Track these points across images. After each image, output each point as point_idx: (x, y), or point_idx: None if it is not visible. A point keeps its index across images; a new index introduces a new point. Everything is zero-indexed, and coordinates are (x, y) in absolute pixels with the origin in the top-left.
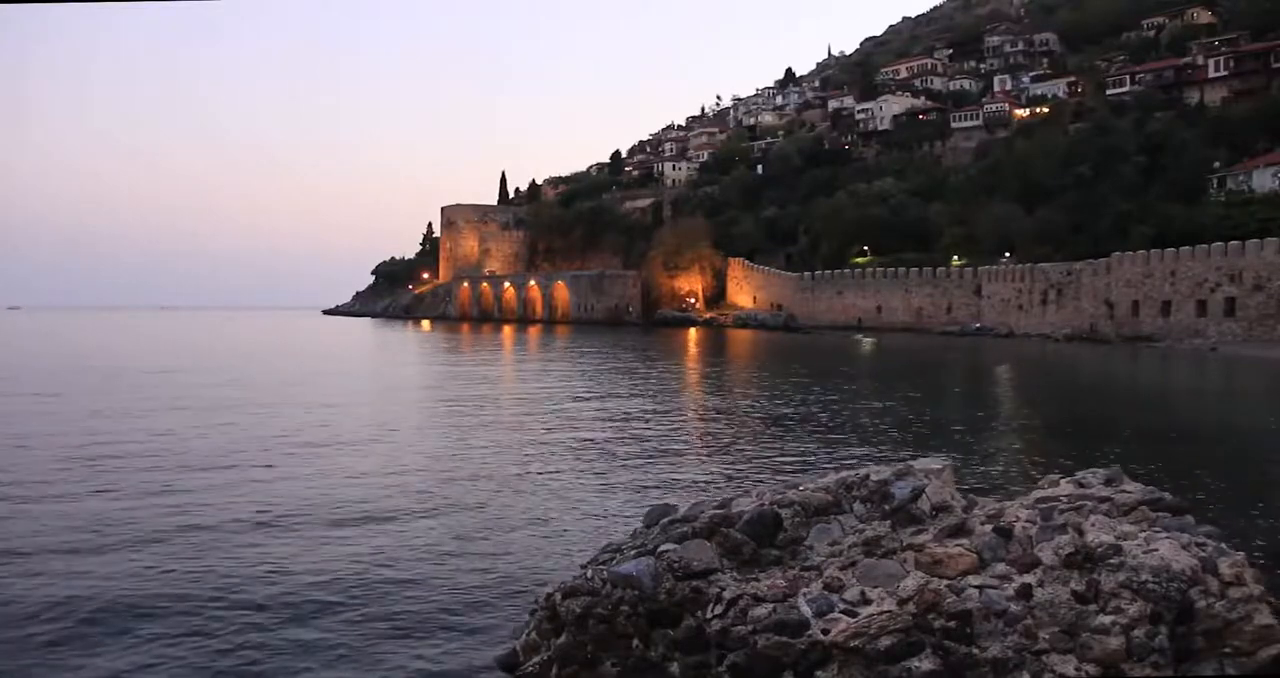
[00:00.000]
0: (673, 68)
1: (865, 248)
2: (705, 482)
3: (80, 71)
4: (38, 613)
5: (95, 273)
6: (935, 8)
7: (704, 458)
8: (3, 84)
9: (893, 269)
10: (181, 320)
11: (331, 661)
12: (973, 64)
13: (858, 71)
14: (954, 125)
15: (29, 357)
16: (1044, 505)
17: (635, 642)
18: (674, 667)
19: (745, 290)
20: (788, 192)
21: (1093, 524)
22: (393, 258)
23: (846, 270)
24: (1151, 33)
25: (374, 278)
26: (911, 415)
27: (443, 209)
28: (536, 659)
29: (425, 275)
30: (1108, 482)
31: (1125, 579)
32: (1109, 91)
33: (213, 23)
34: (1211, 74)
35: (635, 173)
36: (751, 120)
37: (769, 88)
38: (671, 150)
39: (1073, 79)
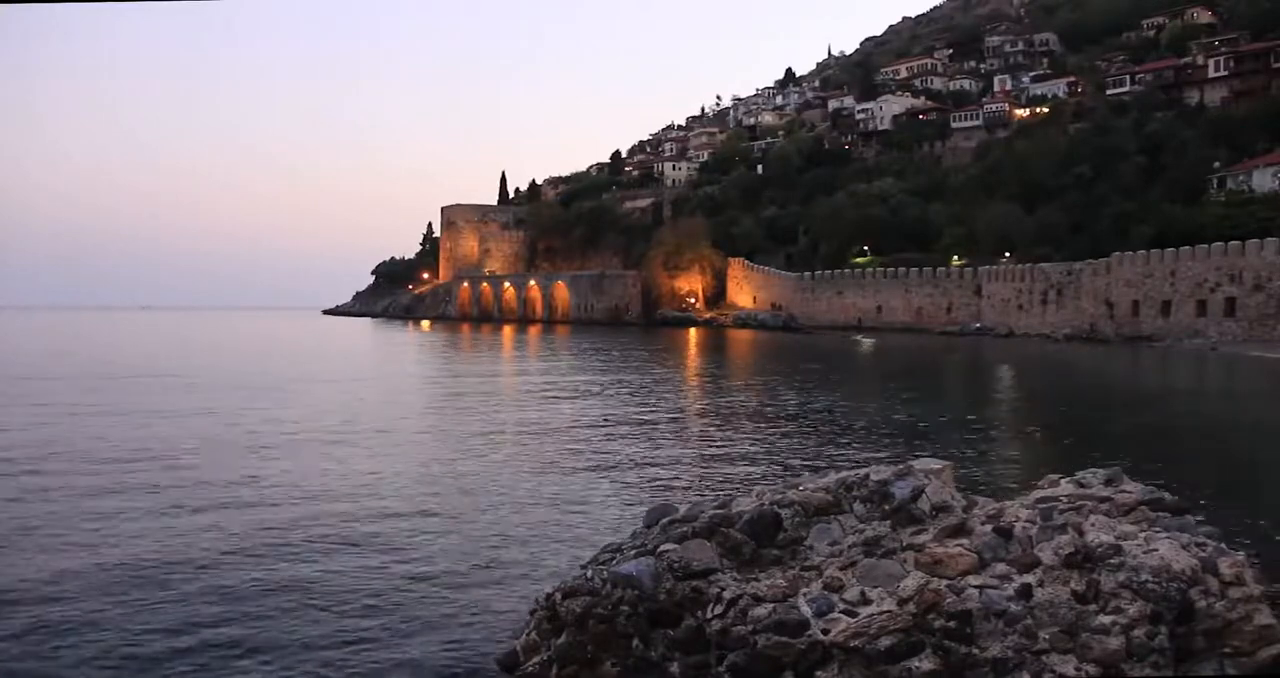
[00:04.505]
0: (673, 68)
1: (865, 248)
2: (705, 482)
3: (80, 70)
4: (30, 611)
5: (91, 272)
6: (935, 8)
7: (704, 458)
8: (5, 82)
9: (893, 269)
10: (174, 321)
11: (331, 661)
12: (973, 64)
13: (858, 71)
14: (954, 125)
15: None
16: (1044, 506)
17: (635, 642)
18: (674, 667)
19: (745, 290)
20: (788, 191)
21: (1093, 524)
22: (393, 258)
23: (846, 270)
24: (1151, 33)
25: (374, 278)
26: (911, 415)
27: (443, 209)
28: (536, 659)
29: (425, 275)
30: (1108, 482)
31: (1125, 579)
32: (1109, 91)
33: (213, 22)
34: (1211, 74)
35: (635, 173)
36: (751, 120)
37: (769, 88)
38: (671, 150)
39: (1073, 79)
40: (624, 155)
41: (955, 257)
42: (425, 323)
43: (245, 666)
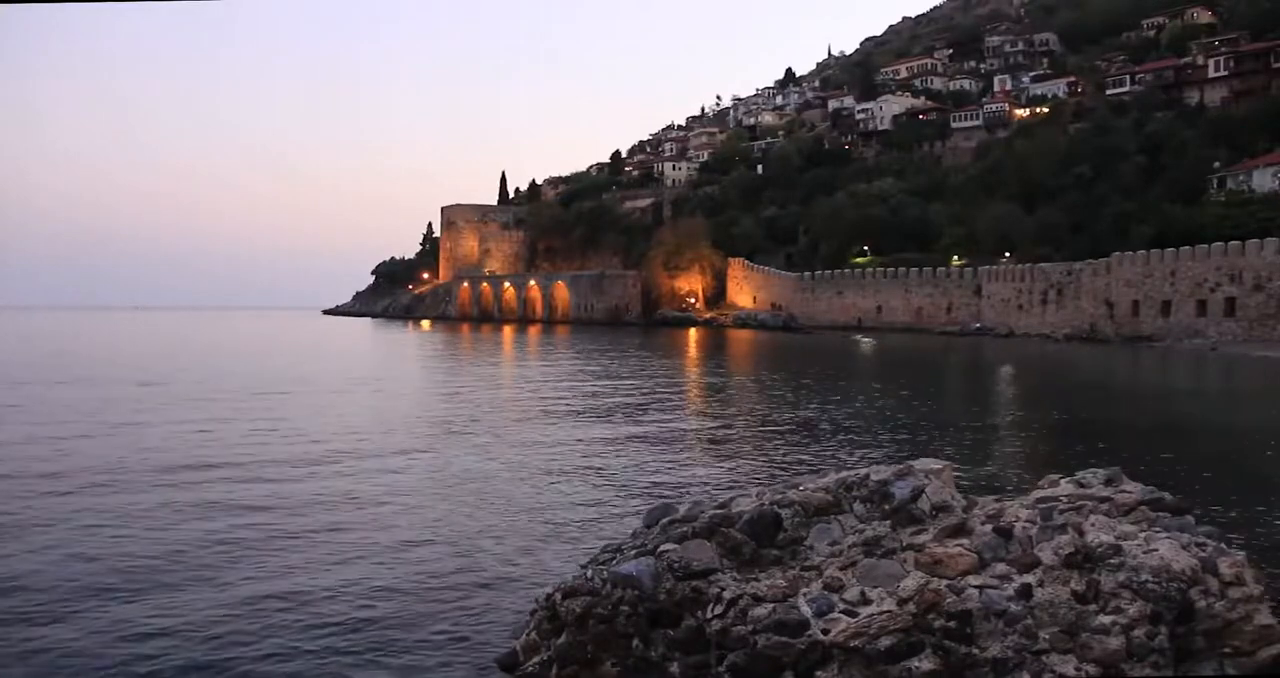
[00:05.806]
0: (673, 68)
1: (865, 248)
2: (705, 482)
3: (80, 70)
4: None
5: (90, 272)
6: (935, 8)
7: (704, 458)
8: (5, 82)
9: (893, 269)
10: (174, 322)
11: (331, 661)
12: (973, 64)
13: (858, 71)
14: (954, 125)
15: None
16: (1044, 506)
17: (635, 642)
18: (674, 667)
19: (745, 290)
20: (788, 191)
21: (1093, 524)
22: (393, 258)
23: (846, 270)
24: (1151, 33)
25: (374, 278)
26: (911, 415)
27: (443, 209)
28: (536, 659)
29: (425, 275)
30: (1108, 482)
31: (1125, 579)
32: (1109, 91)
33: (213, 22)
34: (1211, 74)
35: (635, 173)
36: (751, 120)
37: (769, 88)
38: (671, 150)
39: (1073, 79)
40: (624, 155)
41: (955, 257)
42: (425, 323)
43: (245, 668)
